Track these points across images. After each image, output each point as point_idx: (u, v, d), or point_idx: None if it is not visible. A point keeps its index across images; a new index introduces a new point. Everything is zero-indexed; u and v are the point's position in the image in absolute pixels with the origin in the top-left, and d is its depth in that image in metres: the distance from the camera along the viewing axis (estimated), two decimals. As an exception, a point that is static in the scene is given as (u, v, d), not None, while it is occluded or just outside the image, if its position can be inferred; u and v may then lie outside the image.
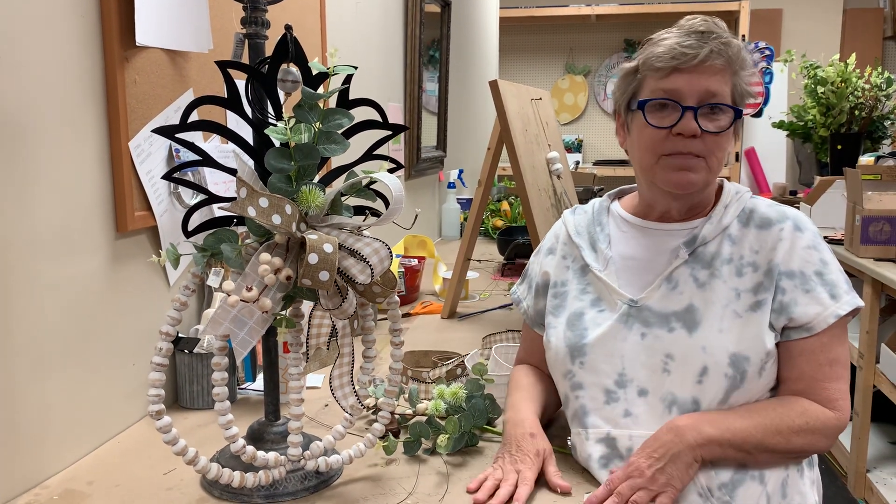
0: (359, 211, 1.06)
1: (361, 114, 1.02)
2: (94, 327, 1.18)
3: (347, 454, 1.07)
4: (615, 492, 0.99)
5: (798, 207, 3.42)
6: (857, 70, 3.57)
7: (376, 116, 1.04)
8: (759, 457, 1.03)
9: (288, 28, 0.97)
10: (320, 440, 1.06)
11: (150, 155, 1.27)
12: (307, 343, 1.02)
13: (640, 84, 1.12)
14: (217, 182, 1.42)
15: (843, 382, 1.08)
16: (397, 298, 1.08)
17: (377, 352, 1.11)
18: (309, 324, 1.02)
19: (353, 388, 1.06)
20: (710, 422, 1.02)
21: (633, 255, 1.16)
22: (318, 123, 0.97)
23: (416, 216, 1.15)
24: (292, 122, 0.95)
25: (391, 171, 1.04)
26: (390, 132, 1.05)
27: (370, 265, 0.94)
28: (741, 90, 1.10)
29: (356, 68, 1.02)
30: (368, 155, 1.06)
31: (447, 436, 1.15)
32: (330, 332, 1.03)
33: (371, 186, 1.03)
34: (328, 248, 0.90)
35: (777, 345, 1.07)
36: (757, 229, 1.11)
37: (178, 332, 1.28)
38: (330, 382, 1.05)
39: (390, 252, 0.96)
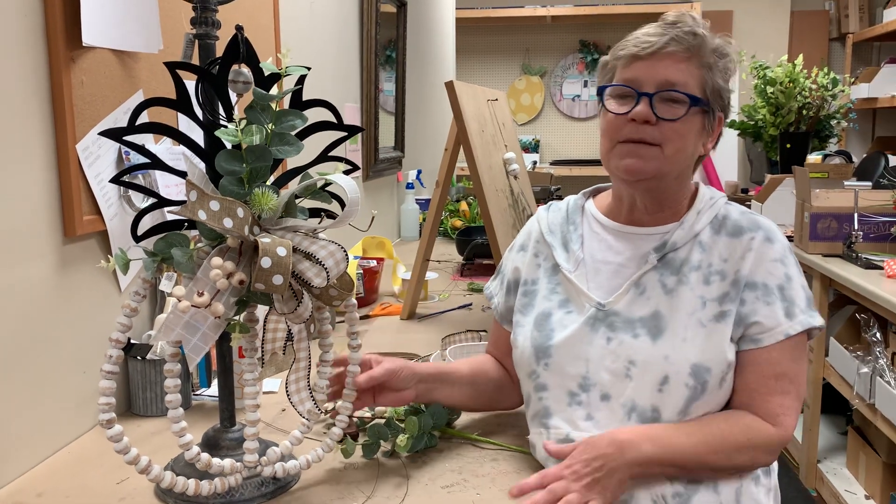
0: (315, 213, 1.05)
1: (317, 115, 1.01)
2: (43, 335, 1.15)
3: (305, 459, 1.06)
4: (548, 488, 0.97)
5: (749, 205, 3.50)
6: (805, 70, 3.66)
7: (331, 117, 1.03)
8: (700, 473, 1.03)
9: (239, 28, 0.96)
10: (277, 446, 1.05)
11: (98, 157, 1.24)
12: (262, 348, 1.01)
13: (612, 74, 1.13)
14: (169, 185, 1.39)
15: (790, 398, 1.07)
16: (354, 301, 1.07)
17: (335, 355, 1.10)
18: (264, 328, 1.00)
19: (311, 392, 1.05)
20: (652, 439, 1.01)
21: (604, 257, 1.15)
22: (270, 125, 0.96)
23: (373, 218, 1.14)
24: (243, 123, 0.93)
25: (347, 172, 1.03)
26: (346, 133, 1.05)
27: (325, 268, 0.93)
28: (714, 85, 1.09)
29: (309, 69, 1.01)
30: (324, 156, 1.05)
31: (407, 436, 1.14)
32: (286, 337, 1.01)
33: (327, 188, 1.02)
34: (281, 251, 0.89)
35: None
36: (728, 237, 1.11)
37: (129, 339, 1.25)
38: (286, 388, 1.04)
39: (346, 254, 0.95)
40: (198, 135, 1.01)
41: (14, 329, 1.09)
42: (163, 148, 1.40)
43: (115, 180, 0.99)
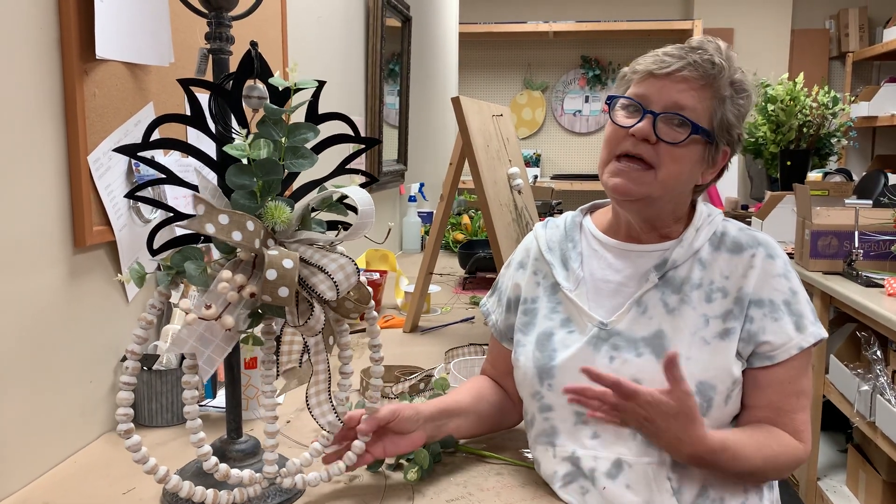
0: (333, 226, 1.05)
1: (332, 128, 1.02)
2: (51, 343, 1.16)
3: (327, 472, 1.07)
4: (614, 404, 1.00)
5: (749, 222, 3.52)
6: (805, 89, 3.69)
7: (347, 130, 1.03)
8: (734, 479, 1.04)
9: (253, 45, 0.97)
10: (296, 459, 1.06)
11: (109, 169, 1.25)
12: (278, 361, 1.01)
13: (627, 87, 1.13)
14: (177, 196, 1.40)
15: (807, 413, 1.09)
16: (375, 314, 1.08)
17: (353, 369, 1.10)
18: (280, 341, 1.01)
19: (332, 405, 1.05)
20: (724, 440, 1.01)
21: (604, 276, 1.15)
22: (284, 139, 0.96)
23: (389, 230, 1.15)
24: (251, 137, 0.94)
25: (364, 185, 1.03)
26: (362, 145, 1.05)
27: (335, 281, 0.94)
28: (724, 118, 1.08)
29: (322, 83, 1.01)
30: (341, 169, 1.06)
31: (416, 468, 1.13)
32: (303, 349, 1.02)
33: (345, 201, 1.03)
34: (288, 263, 0.89)
35: (743, 371, 1.07)
36: (728, 253, 1.11)
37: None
38: (307, 401, 1.04)
39: (357, 267, 0.96)
40: (208, 145, 1.01)
41: (22, 337, 1.10)
42: (172, 160, 1.41)
43: (131, 195, 1.00)
